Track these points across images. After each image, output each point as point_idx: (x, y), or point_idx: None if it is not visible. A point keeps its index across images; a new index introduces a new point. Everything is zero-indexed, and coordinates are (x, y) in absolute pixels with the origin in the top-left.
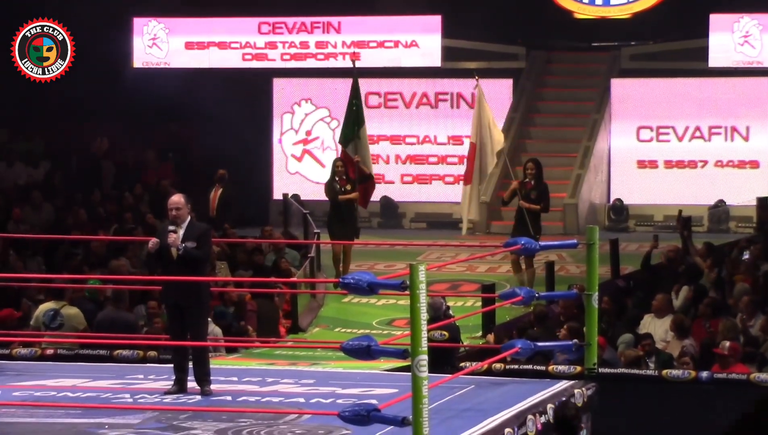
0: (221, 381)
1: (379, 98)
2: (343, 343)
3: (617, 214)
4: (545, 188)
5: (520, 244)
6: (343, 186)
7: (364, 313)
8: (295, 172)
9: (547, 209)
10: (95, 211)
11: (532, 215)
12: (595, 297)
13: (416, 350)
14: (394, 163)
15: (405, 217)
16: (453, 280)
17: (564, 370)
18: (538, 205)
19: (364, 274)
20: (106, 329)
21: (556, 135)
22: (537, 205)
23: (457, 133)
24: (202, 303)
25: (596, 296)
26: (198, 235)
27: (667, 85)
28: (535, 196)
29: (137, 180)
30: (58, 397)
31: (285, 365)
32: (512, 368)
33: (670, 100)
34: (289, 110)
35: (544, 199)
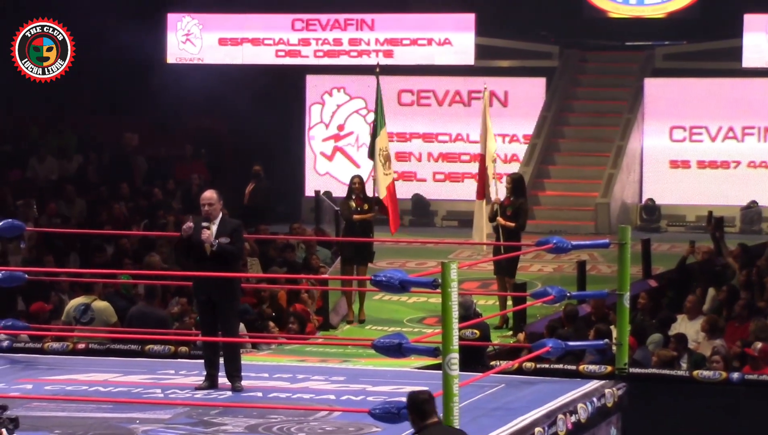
0: (252, 377)
1: (412, 96)
2: (375, 340)
3: (649, 213)
4: (521, 205)
5: (553, 242)
6: (359, 205)
7: (396, 311)
8: (325, 173)
9: (523, 227)
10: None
11: (506, 233)
12: (626, 297)
13: (447, 348)
14: (426, 161)
15: (437, 215)
16: (484, 279)
17: (595, 369)
18: (513, 222)
19: (396, 272)
20: (137, 324)
21: (589, 134)
22: (512, 222)
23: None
24: (235, 299)
25: (627, 296)
26: (231, 231)
27: (700, 85)
28: (511, 213)
29: (169, 175)
30: (90, 391)
31: (316, 362)
32: (543, 367)
33: (703, 100)
34: (318, 101)
35: (519, 217)
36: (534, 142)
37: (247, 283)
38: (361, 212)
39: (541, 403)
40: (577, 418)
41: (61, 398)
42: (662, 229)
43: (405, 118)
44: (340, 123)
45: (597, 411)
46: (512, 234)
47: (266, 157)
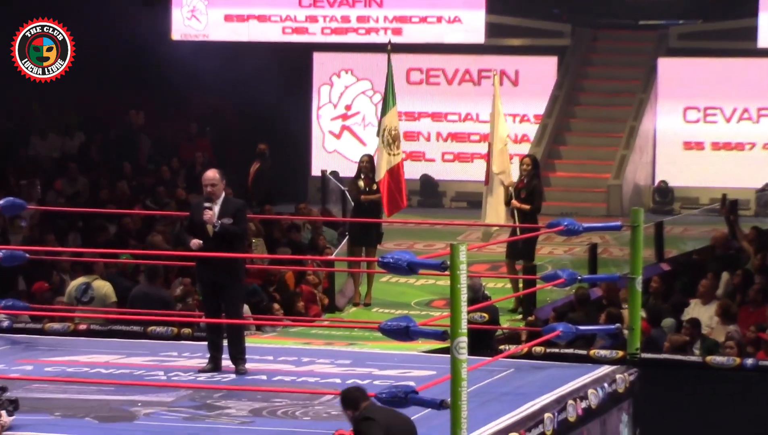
0: (256, 360)
1: (421, 74)
2: (381, 323)
3: (662, 196)
4: (536, 187)
5: (563, 225)
6: (368, 185)
7: (403, 293)
8: (333, 151)
9: (538, 210)
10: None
11: (521, 216)
12: (638, 281)
13: (456, 332)
14: (435, 141)
15: (445, 196)
16: (493, 261)
17: (606, 354)
18: (528, 205)
19: (404, 254)
20: (140, 305)
21: (602, 114)
22: (527, 205)
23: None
24: (239, 280)
25: (640, 280)
26: (234, 211)
27: (715, 65)
28: (525, 195)
29: (174, 154)
30: (91, 373)
31: (321, 345)
32: (553, 352)
33: (718, 80)
34: (327, 82)
35: (534, 199)
36: (545, 122)
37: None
38: (370, 193)
39: (551, 388)
40: (587, 403)
41: (61, 380)
42: (675, 212)
43: (413, 97)
44: (347, 103)
45: (608, 397)
46: (528, 217)
47: (272, 136)
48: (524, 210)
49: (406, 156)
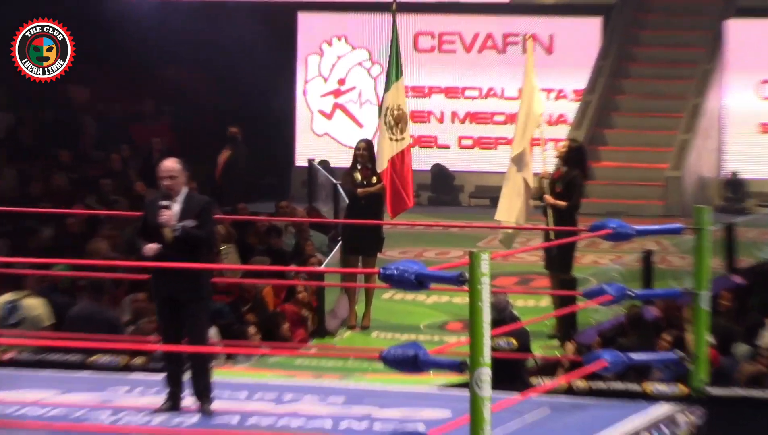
0: (226, 397)
1: (432, 40)
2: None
3: (733, 191)
4: (575, 179)
5: (610, 227)
6: (366, 177)
7: (410, 314)
8: (323, 134)
9: (576, 207)
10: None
11: (556, 214)
12: (704, 296)
13: (476, 362)
14: (450, 123)
15: (462, 192)
16: (523, 273)
17: (664, 389)
18: (564, 201)
19: (412, 264)
20: (81, 328)
21: (656, 89)
22: (562, 201)
23: None
24: (203, 298)
25: (706, 296)
26: (198, 210)
27: None
28: (561, 189)
29: (125, 139)
30: (18, 414)
31: (308, 378)
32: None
33: None
34: (316, 51)
35: (572, 194)
36: (587, 100)
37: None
38: (368, 186)
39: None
40: None
41: None
42: (749, 211)
43: (423, 67)
44: (340, 77)
45: None
46: (564, 216)
47: (247, 118)
48: (559, 207)
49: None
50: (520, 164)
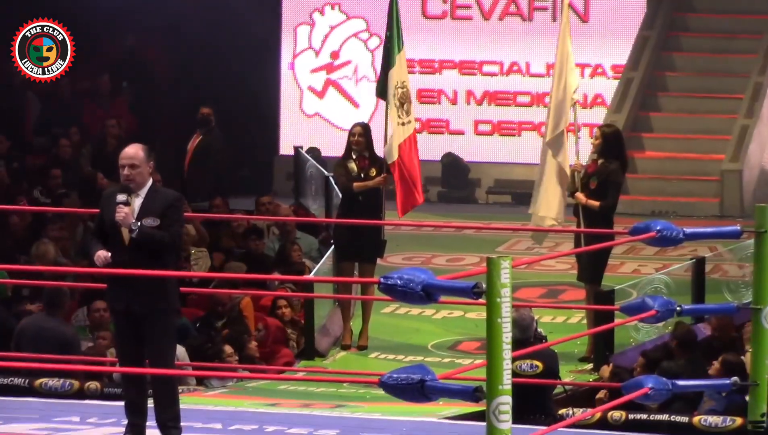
0: (198, 429)
1: (444, 4)
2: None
3: None
4: (612, 174)
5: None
6: (362, 168)
7: (416, 331)
8: (314, 114)
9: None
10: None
11: (587, 214)
12: (766, 313)
13: (494, 389)
14: (465, 104)
15: (479, 186)
16: (551, 284)
17: (717, 423)
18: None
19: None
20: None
21: (712, 65)
22: (596, 200)
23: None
24: (167, 311)
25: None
26: (163, 207)
27: None
28: (596, 185)
29: (73, 121)
30: None
31: (294, 407)
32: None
33: None
34: (306, 20)
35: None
36: (629, 77)
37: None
38: (366, 179)
39: None
40: None
41: None
42: None
43: (433, 37)
44: (333, 49)
45: None
46: (597, 217)
47: (222, 97)
48: (591, 207)
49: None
50: (555, 148)
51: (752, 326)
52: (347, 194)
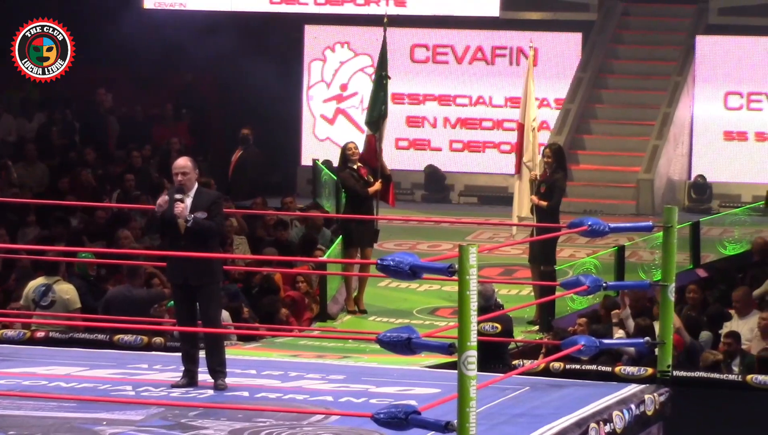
0: (237, 374)
1: (427, 51)
2: (380, 334)
3: (699, 192)
4: (557, 181)
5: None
6: (365, 175)
7: (404, 300)
8: (326, 139)
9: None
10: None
11: (539, 211)
12: (671, 289)
13: (464, 345)
14: (442, 128)
15: (453, 190)
16: (507, 265)
17: (633, 372)
18: (546, 201)
19: (406, 256)
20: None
21: (632, 99)
22: (545, 200)
23: (515, 95)
24: (215, 283)
25: (673, 288)
26: (208, 204)
27: (760, 44)
28: (545, 189)
29: (145, 139)
30: (50, 387)
31: (311, 358)
32: (573, 368)
33: (763, 62)
34: (319, 57)
35: (554, 195)
36: (567, 108)
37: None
38: (368, 184)
39: (571, 410)
40: (612, 427)
41: (16, 394)
42: (713, 211)
43: (418, 77)
44: (343, 82)
45: (635, 419)
46: (547, 214)
47: (258, 120)
48: (542, 207)
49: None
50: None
51: (660, 298)
52: (360, 196)
